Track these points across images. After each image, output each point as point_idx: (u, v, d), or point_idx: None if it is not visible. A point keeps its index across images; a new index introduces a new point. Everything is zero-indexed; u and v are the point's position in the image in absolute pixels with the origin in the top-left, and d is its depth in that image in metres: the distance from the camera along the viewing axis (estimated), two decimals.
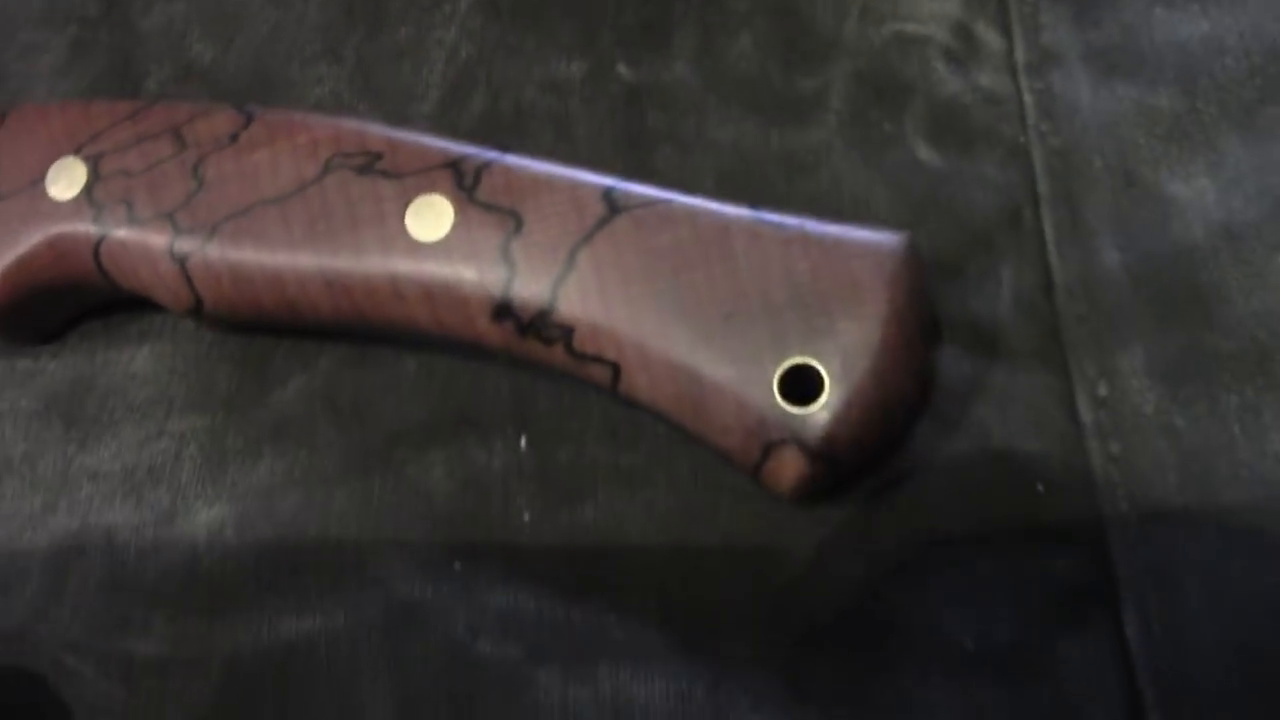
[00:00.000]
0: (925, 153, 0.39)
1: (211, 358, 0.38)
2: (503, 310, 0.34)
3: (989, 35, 0.40)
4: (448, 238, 0.34)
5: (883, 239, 0.33)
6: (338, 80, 0.41)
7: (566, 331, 0.34)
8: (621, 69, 0.41)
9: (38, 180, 0.37)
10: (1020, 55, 0.39)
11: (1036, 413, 0.35)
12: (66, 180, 0.37)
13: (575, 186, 0.34)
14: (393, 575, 0.34)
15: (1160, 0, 0.39)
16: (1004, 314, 0.36)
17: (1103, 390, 0.34)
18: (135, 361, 0.38)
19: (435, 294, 0.35)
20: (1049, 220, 0.37)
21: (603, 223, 0.34)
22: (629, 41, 0.41)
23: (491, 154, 0.35)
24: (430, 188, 0.35)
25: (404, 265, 0.35)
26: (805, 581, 0.34)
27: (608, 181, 0.35)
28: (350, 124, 0.36)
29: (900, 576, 0.33)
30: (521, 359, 0.35)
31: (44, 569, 0.36)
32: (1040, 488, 0.33)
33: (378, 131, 0.36)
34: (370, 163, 0.35)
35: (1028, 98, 0.38)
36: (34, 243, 0.37)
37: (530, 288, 0.34)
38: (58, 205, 0.37)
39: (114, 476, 0.37)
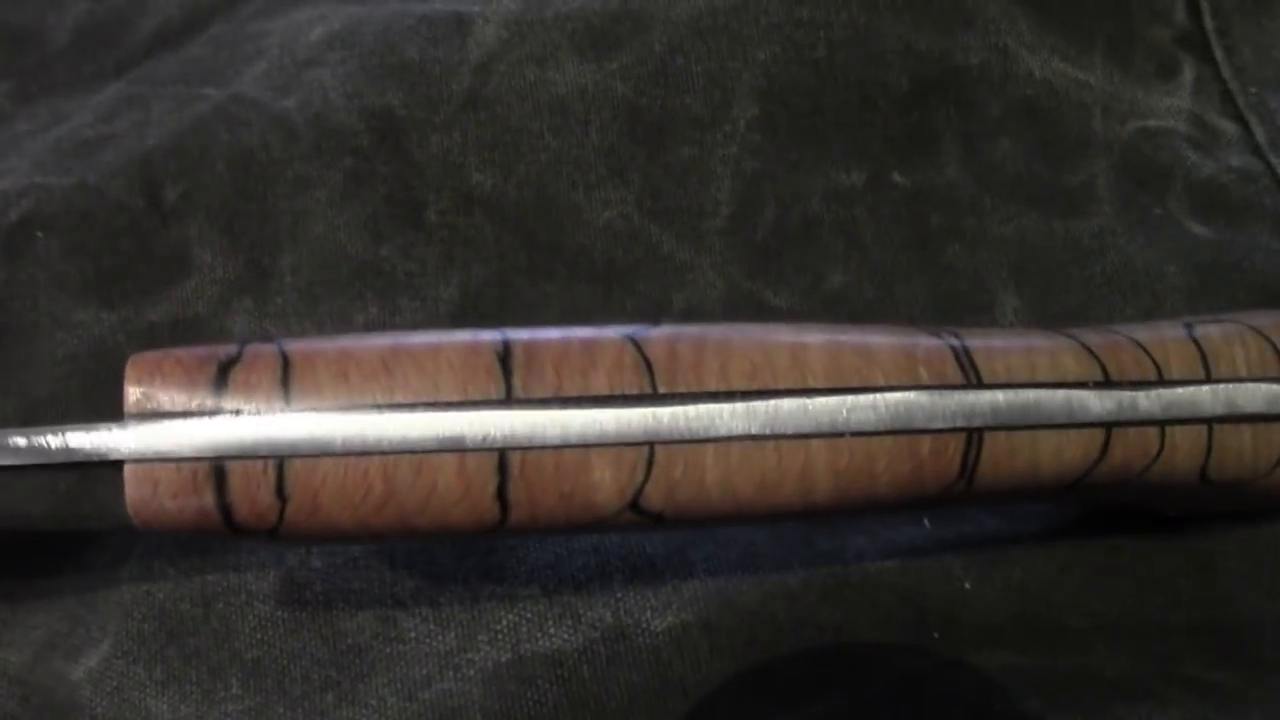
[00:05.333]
0: (1199, 229, 0.42)
1: None
2: None
3: (1223, 123, 0.44)
4: None
5: None
6: (625, 203, 0.42)
7: None
8: (896, 176, 0.43)
9: None
10: (1261, 137, 0.43)
11: None
12: None
13: None
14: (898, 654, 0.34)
15: None
16: None
17: None
18: None
19: None
20: None
21: None
22: (899, 149, 0.43)
23: None
24: None
25: None
26: None
27: None
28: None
29: None
30: None
31: (483, 709, 0.34)
32: None
33: None
34: None
35: None
36: None
37: None
38: None
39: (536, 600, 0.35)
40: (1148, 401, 0.33)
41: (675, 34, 0.43)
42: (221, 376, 0.29)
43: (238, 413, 0.29)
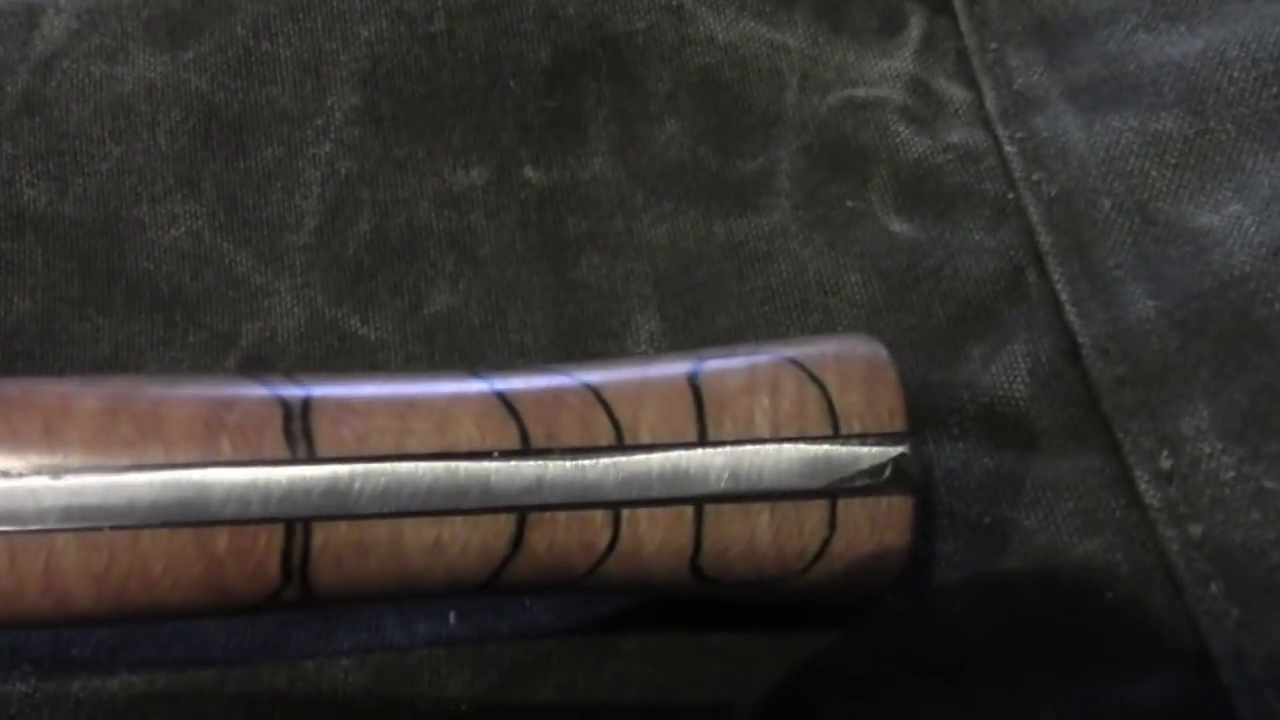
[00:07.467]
0: (898, 225, 0.33)
1: None
2: None
3: (951, 89, 0.35)
4: None
5: None
6: (195, 218, 0.35)
7: None
8: (529, 172, 0.35)
9: None
10: (992, 105, 0.34)
11: (1087, 503, 0.28)
12: None
13: None
14: None
15: (1142, 26, 0.34)
16: (1024, 393, 0.30)
17: (1166, 463, 0.28)
18: None
19: None
20: (1060, 277, 0.31)
21: None
22: (535, 140, 0.35)
23: None
24: None
25: None
26: None
27: None
28: None
29: None
30: None
31: None
32: (1109, 595, 0.27)
33: None
34: None
35: (1009, 148, 0.33)
36: None
37: None
38: None
39: None
40: (588, 475, 0.24)
41: (263, 14, 0.36)
42: None
43: None
